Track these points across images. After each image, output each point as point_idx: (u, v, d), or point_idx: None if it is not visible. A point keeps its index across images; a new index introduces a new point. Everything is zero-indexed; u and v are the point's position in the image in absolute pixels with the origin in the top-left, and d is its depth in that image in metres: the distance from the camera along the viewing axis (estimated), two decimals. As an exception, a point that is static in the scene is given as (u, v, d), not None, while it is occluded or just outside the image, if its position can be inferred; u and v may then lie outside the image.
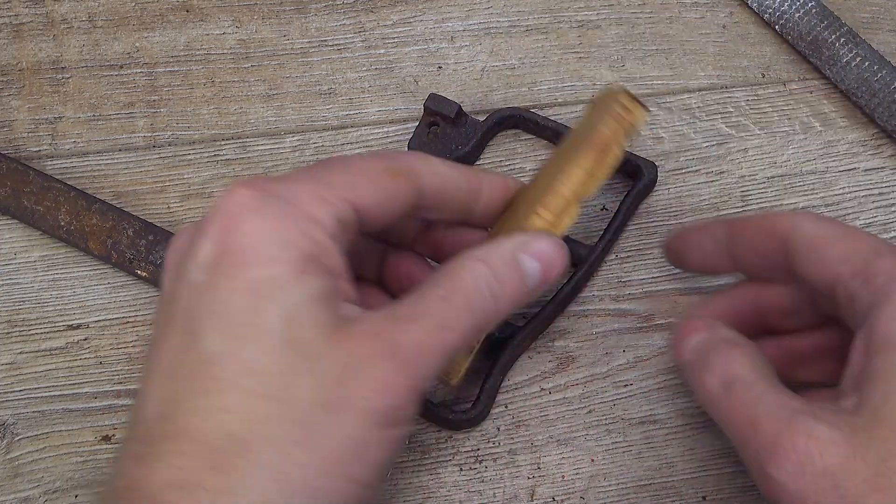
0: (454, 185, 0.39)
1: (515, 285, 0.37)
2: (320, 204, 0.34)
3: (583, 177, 0.39)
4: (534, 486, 0.45)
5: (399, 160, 0.38)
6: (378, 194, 0.36)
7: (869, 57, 0.50)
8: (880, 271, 0.34)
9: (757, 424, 0.33)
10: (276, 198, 0.34)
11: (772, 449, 0.32)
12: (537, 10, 0.53)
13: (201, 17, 0.53)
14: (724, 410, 0.35)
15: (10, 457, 0.45)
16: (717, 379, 0.36)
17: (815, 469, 0.31)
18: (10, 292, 0.48)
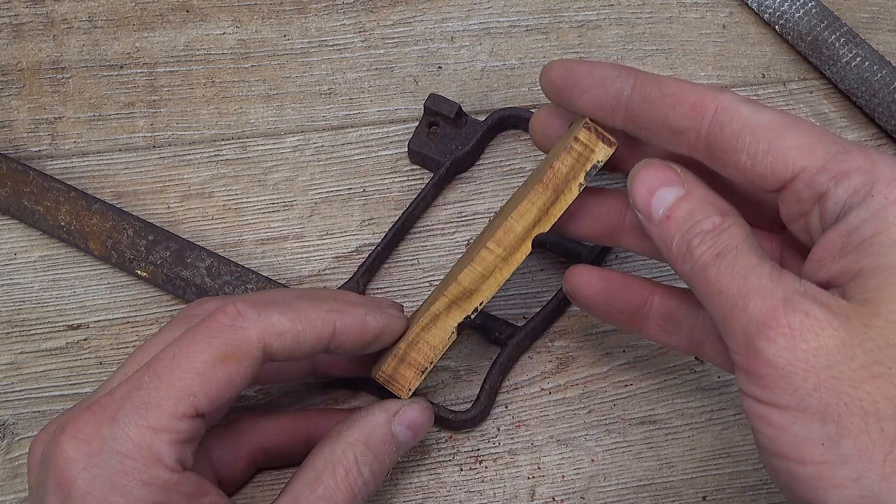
0: (302, 340, 0.37)
1: (392, 457, 0.40)
2: (153, 440, 0.34)
3: (536, 213, 0.39)
4: (534, 486, 0.45)
5: (229, 338, 0.35)
6: (213, 390, 0.35)
7: (869, 57, 0.50)
8: (854, 168, 0.33)
9: (748, 297, 0.32)
10: (112, 452, 0.33)
11: (764, 322, 0.31)
12: (537, 10, 0.53)
13: (201, 17, 0.53)
14: (711, 281, 0.33)
15: (10, 457, 0.45)
16: (710, 250, 0.33)
17: (808, 347, 0.31)
18: (10, 292, 0.48)
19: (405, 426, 0.40)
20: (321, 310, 0.37)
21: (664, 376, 0.46)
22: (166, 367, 0.35)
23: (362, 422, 0.39)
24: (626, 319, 0.41)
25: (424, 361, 0.40)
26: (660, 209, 0.35)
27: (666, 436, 0.45)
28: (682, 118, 0.35)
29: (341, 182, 0.50)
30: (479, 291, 0.40)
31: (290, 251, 0.49)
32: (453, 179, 0.50)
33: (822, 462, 0.30)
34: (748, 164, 0.34)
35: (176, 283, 0.47)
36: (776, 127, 0.34)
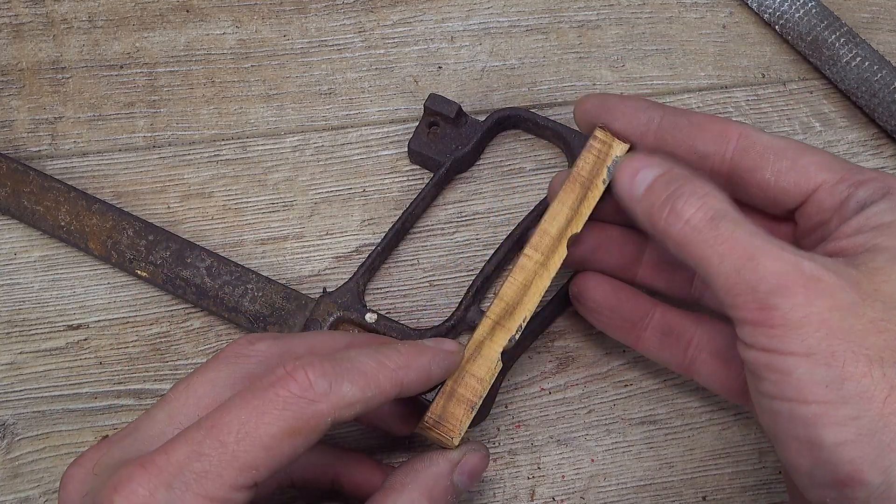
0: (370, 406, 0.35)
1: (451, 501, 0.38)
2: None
3: (567, 214, 0.40)
4: (534, 486, 0.45)
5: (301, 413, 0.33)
6: (276, 463, 0.33)
7: (869, 57, 0.50)
8: (870, 178, 0.37)
9: (757, 259, 0.33)
10: None
11: (779, 283, 0.33)
12: (537, 10, 0.53)
13: (201, 17, 0.53)
14: (707, 242, 0.34)
15: (10, 457, 0.45)
16: (701, 210, 0.35)
17: (824, 304, 0.32)
18: (10, 292, 0.48)
19: (466, 475, 0.39)
20: (389, 369, 0.36)
21: (664, 376, 0.46)
22: (233, 437, 0.33)
23: (425, 474, 0.38)
24: (626, 329, 0.42)
25: (473, 397, 0.39)
26: (641, 186, 0.37)
27: (666, 436, 0.45)
28: (709, 143, 0.39)
29: (341, 182, 0.50)
30: (521, 304, 0.40)
31: (290, 251, 0.49)
32: (453, 179, 0.50)
33: (825, 401, 0.32)
34: (772, 180, 0.38)
35: (176, 283, 0.47)
36: (795, 148, 0.38)
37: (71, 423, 0.46)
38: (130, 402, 0.46)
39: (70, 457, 0.45)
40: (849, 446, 0.32)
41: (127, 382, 0.46)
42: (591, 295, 0.42)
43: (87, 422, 0.46)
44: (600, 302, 0.42)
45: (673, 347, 0.42)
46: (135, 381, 0.46)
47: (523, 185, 0.50)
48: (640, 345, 0.43)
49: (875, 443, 0.31)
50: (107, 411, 0.46)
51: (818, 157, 0.38)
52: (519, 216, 0.49)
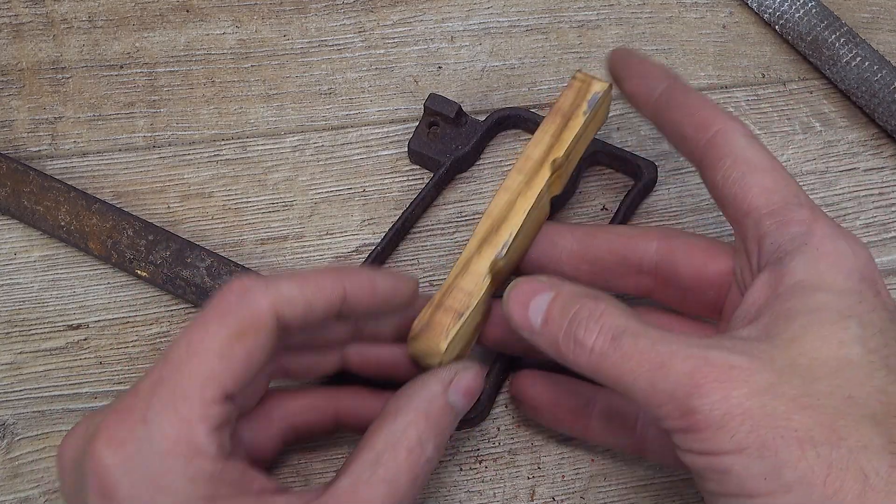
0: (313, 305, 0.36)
1: (450, 425, 0.38)
2: (189, 432, 0.33)
3: (549, 141, 0.42)
4: (534, 486, 0.45)
5: (241, 313, 0.34)
6: (235, 369, 0.34)
7: (869, 57, 0.50)
8: (797, 219, 0.36)
9: (667, 366, 0.33)
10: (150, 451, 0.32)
11: (692, 383, 0.32)
12: (537, 10, 0.53)
13: (201, 17, 0.53)
14: (616, 364, 0.34)
15: (10, 457, 0.45)
16: (601, 334, 0.35)
17: (741, 393, 0.32)
18: (10, 292, 0.48)
19: (461, 394, 0.38)
20: (329, 273, 0.37)
21: (664, 376, 0.46)
22: (184, 356, 0.34)
23: (419, 395, 0.38)
24: (571, 421, 0.42)
25: (460, 307, 0.40)
26: (538, 318, 0.37)
27: (666, 436, 0.45)
28: (689, 127, 0.39)
29: (341, 182, 0.50)
30: (507, 221, 0.41)
31: (290, 251, 0.49)
32: (453, 179, 0.50)
33: (767, 493, 0.31)
34: (720, 182, 0.38)
35: (176, 283, 0.47)
36: (756, 164, 0.38)
37: (71, 423, 0.46)
38: (130, 402, 0.46)
39: (70, 457, 0.45)
40: None
41: (127, 382, 0.46)
42: (529, 393, 0.42)
43: (87, 422, 0.46)
44: (539, 398, 0.42)
45: (620, 430, 0.41)
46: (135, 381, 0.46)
47: (523, 185, 0.50)
48: (588, 433, 0.42)
49: None
50: (107, 411, 0.46)
51: (766, 179, 0.37)
52: (519, 216, 0.49)
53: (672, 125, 0.40)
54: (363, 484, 0.35)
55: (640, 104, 0.42)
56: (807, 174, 0.50)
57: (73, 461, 0.35)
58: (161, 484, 0.32)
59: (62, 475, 0.36)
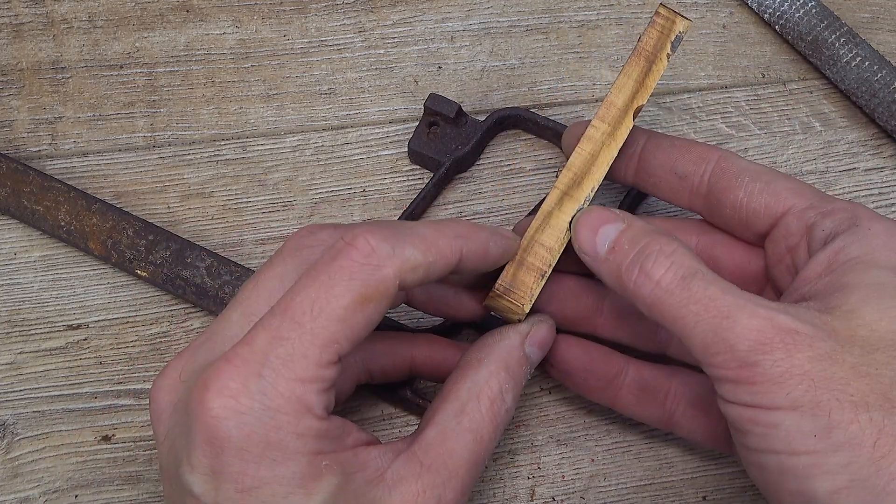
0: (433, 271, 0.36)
1: (525, 375, 0.39)
2: (303, 391, 0.33)
3: (633, 86, 0.40)
4: (534, 486, 0.45)
5: (368, 279, 0.34)
6: (354, 334, 0.34)
7: (869, 57, 0.50)
8: (839, 207, 0.38)
9: (733, 317, 0.33)
10: (263, 406, 0.32)
11: (757, 340, 0.33)
12: (537, 10, 0.53)
13: (201, 17, 0.53)
14: (680, 304, 0.34)
15: (10, 457, 0.45)
16: (671, 270, 0.35)
17: (804, 356, 0.33)
18: (10, 292, 0.48)
19: (536, 346, 0.40)
20: (448, 236, 0.36)
21: (664, 376, 0.46)
22: (307, 315, 0.33)
23: (499, 347, 0.39)
24: (601, 389, 0.42)
25: (542, 265, 0.40)
26: (604, 245, 0.37)
27: (666, 436, 0.45)
28: (689, 163, 0.40)
29: (341, 182, 0.50)
30: (589, 174, 0.40)
31: (290, 251, 0.49)
32: (453, 179, 0.50)
33: (814, 451, 0.32)
34: (744, 200, 0.39)
35: (176, 282, 0.47)
36: (770, 173, 0.39)
37: (71, 423, 0.46)
38: (130, 402, 0.46)
39: (70, 457, 0.45)
40: (842, 494, 0.32)
41: (127, 382, 0.46)
42: (562, 357, 0.42)
43: (87, 422, 0.46)
44: (572, 364, 0.42)
45: (650, 403, 0.42)
46: (135, 381, 0.46)
47: (523, 185, 0.50)
48: (617, 404, 0.42)
49: (869, 488, 0.31)
50: (107, 411, 0.46)
51: (791, 183, 0.39)
52: (519, 216, 0.49)
53: (665, 170, 0.41)
54: (450, 433, 0.36)
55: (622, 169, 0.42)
56: (807, 174, 0.50)
57: (171, 405, 0.35)
58: (271, 439, 0.32)
59: (157, 417, 0.35)
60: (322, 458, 0.33)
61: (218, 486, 0.32)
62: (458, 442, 0.36)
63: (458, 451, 0.36)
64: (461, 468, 0.36)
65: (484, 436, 0.37)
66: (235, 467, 0.32)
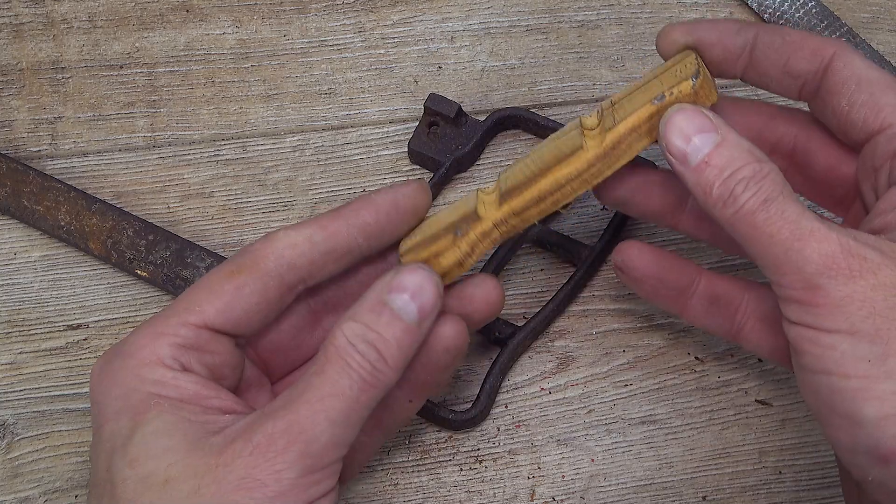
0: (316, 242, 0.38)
1: (393, 327, 0.36)
2: (154, 342, 0.36)
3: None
4: (534, 486, 0.45)
5: (238, 258, 0.38)
6: (219, 302, 0.37)
7: (869, 57, 0.50)
8: None
9: (805, 240, 0.34)
10: (115, 356, 0.36)
11: (824, 263, 0.33)
12: (537, 10, 0.53)
13: (201, 17, 0.53)
14: (759, 224, 0.34)
15: (10, 457, 0.45)
16: (757, 195, 0.35)
17: (867, 283, 0.33)
18: (10, 292, 0.48)
19: (397, 291, 0.36)
20: (327, 212, 0.39)
21: (664, 376, 0.46)
22: (184, 291, 0.38)
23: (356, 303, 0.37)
24: (671, 297, 0.42)
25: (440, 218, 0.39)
26: (696, 156, 0.36)
27: (666, 436, 0.45)
28: (802, 61, 0.38)
29: (341, 182, 0.50)
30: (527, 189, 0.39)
31: (290, 251, 0.48)
32: (453, 179, 0.50)
33: (866, 376, 0.32)
34: (845, 108, 0.38)
35: (176, 282, 0.47)
36: (881, 83, 0.38)
37: (71, 423, 0.46)
38: (130, 402, 0.46)
39: (70, 457, 0.45)
40: (890, 420, 0.32)
41: (127, 382, 0.46)
42: (634, 264, 0.41)
43: (87, 422, 0.46)
44: (644, 271, 0.41)
45: (720, 315, 0.41)
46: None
47: (523, 185, 0.50)
48: (686, 313, 0.42)
49: None
50: (107, 411, 0.46)
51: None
52: (519, 216, 0.49)
53: (777, 68, 0.39)
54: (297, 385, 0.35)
55: (733, 63, 0.40)
56: (807, 174, 0.50)
57: None
58: (116, 378, 0.36)
59: None
60: (157, 399, 0.35)
61: (95, 431, 0.36)
62: (300, 386, 0.35)
63: (300, 393, 0.35)
64: (300, 407, 0.34)
65: (330, 375, 0.35)
66: (95, 411, 0.36)
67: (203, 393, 0.36)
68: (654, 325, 0.47)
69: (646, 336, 0.47)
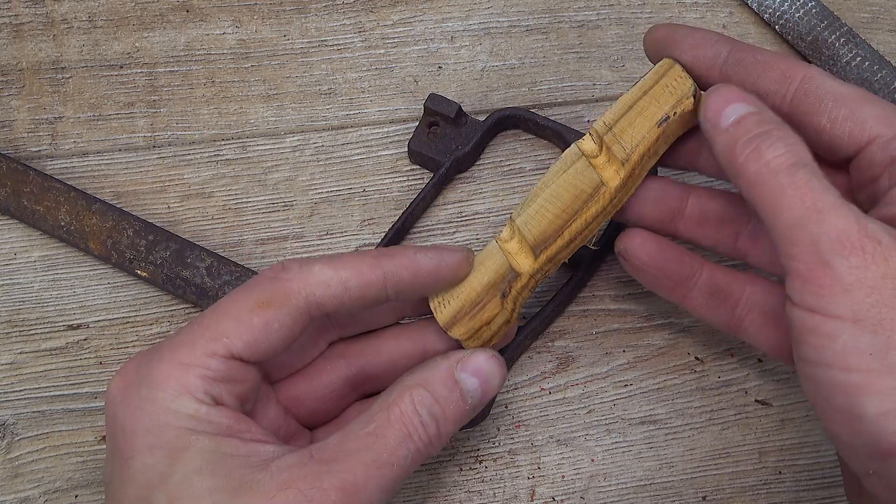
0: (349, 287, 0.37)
1: (458, 405, 0.37)
2: (183, 374, 0.35)
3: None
4: (534, 486, 0.45)
5: (268, 287, 0.36)
6: (248, 335, 0.36)
7: (869, 57, 0.50)
8: None
9: (824, 213, 0.33)
10: (140, 385, 0.35)
11: (839, 240, 0.32)
12: (537, 10, 0.53)
13: (201, 17, 0.53)
14: (781, 188, 0.34)
15: (10, 457, 0.45)
16: (785, 156, 0.35)
17: (878, 270, 0.32)
18: (10, 292, 0.48)
19: (469, 372, 0.37)
20: (369, 256, 0.38)
21: (664, 376, 0.46)
22: (206, 316, 0.36)
23: (422, 368, 0.38)
24: (672, 287, 0.42)
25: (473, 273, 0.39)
26: (730, 118, 0.36)
27: (666, 436, 0.45)
28: (771, 82, 0.38)
29: (341, 182, 0.50)
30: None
31: (290, 251, 0.49)
32: (453, 179, 0.50)
33: (868, 370, 0.32)
34: (827, 126, 0.37)
35: (176, 283, 0.47)
36: (857, 98, 0.37)
37: (71, 423, 0.46)
38: (130, 402, 0.46)
39: (70, 457, 0.45)
40: (891, 417, 0.31)
41: (127, 382, 0.46)
42: (636, 253, 0.41)
43: (87, 422, 0.46)
44: (646, 260, 0.41)
45: (721, 307, 0.41)
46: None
47: (523, 185, 0.50)
48: (687, 303, 0.42)
49: None
50: (107, 411, 0.46)
51: (878, 109, 0.37)
52: (519, 216, 0.49)
53: (747, 86, 0.39)
54: (351, 436, 0.35)
55: (703, 72, 0.40)
56: (807, 174, 0.49)
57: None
58: (146, 410, 0.35)
59: None
60: (195, 435, 0.34)
61: (111, 459, 0.35)
62: (357, 442, 0.35)
63: (355, 449, 0.34)
64: (356, 466, 0.34)
65: (389, 441, 0.35)
66: (120, 439, 0.35)
67: (236, 427, 0.35)
68: (654, 325, 0.47)
69: (646, 336, 0.47)
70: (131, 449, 0.35)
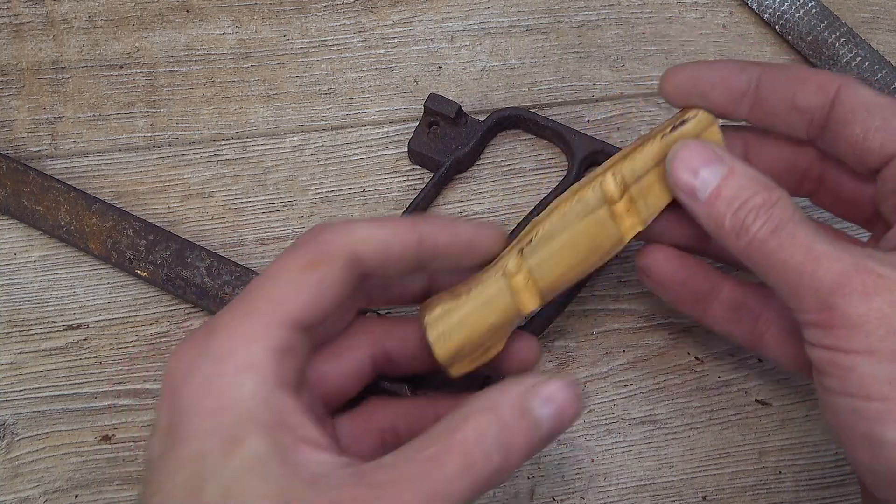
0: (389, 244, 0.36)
1: (527, 435, 0.33)
2: (249, 347, 0.33)
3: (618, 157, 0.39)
4: (534, 486, 0.45)
5: (314, 248, 0.36)
6: (305, 297, 0.35)
7: (869, 57, 0.50)
8: None
9: (818, 262, 0.34)
10: (204, 357, 0.34)
11: (838, 283, 0.33)
12: (537, 10, 0.53)
13: (201, 17, 0.53)
14: (771, 252, 0.35)
15: (10, 457, 0.45)
16: (767, 224, 0.35)
17: (883, 300, 0.33)
18: (10, 292, 0.48)
19: (543, 399, 0.34)
20: (405, 219, 0.37)
21: (664, 376, 0.46)
22: (259, 283, 0.35)
23: (491, 391, 0.34)
24: (693, 302, 0.42)
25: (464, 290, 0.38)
26: (705, 190, 0.36)
27: (666, 436, 0.45)
28: (809, 95, 0.38)
29: (341, 182, 0.50)
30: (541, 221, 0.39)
31: (290, 251, 0.48)
32: (453, 179, 0.50)
33: (888, 398, 0.32)
34: (860, 136, 0.37)
35: (176, 282, 0.47)
36: (892, 108, 0.37)
37: (71, 423, 0.46)
38: (130, 402, 0.46)
39: (70, 457, 0.45)
40: None
41: (127, 382, 0.46)
42: (659, 268, 0.41)
43: (87, 422, 0.46)
44: (668, 276, 0.41)
45: (741, 322, 0.41)
46: (135, 381, 0.46)
47: (523, 185, 0.50)
48: (707, 318, 0.42)
49: None
50: (107, 411, 0.46)
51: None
52: (519, 216, 0.49)
53: (784, 104, 0.39)
54: (408, 460, 0.32)
55: (733, 108, 0.39)
56: (807, 174, 0.50)
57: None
58: (213, 387, 0.33)
59: None
60: (252, 425, 0.32)
61: (164, 437, 0.33)
62: (413, 467, 0.32)
63: (410, 477, 0.32)
64: (409, 497, 0.31)
65: (447, 470, 0.32)
66: (179, 417, 0.33)
67: (292, 421, 0.33)
68: (654, 325, 0.47)
69: (646, 336, 0.47)
70: (189, 430, 0.33)
